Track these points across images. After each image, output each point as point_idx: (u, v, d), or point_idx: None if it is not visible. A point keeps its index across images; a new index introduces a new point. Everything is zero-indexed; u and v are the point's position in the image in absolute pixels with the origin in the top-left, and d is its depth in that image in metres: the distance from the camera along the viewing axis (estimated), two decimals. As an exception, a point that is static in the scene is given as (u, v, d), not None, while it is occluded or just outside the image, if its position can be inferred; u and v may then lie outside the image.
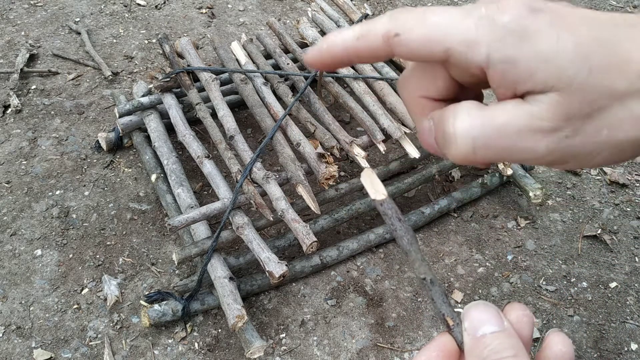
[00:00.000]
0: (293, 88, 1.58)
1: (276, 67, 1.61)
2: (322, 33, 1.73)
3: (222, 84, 1.60)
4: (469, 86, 0.31)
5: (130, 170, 1.58)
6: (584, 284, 1.34)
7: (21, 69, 1.83)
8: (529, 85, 0.27)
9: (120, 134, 1.58)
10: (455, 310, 0.31)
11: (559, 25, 0.27)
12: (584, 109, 0.27)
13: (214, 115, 1.45)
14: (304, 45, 1.71)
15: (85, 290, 1.29)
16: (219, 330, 1.23)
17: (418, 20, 0.28)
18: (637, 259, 1.39)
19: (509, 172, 1.47)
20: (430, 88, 0.31)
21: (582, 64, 0.26)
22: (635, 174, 1.62)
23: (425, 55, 0.28)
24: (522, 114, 0.27)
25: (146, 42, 2.04)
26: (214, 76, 1.49)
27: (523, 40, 0.27)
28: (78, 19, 2.12)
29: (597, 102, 0.26)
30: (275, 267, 1.11)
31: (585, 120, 0.27)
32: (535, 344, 1.21)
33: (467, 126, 0.28)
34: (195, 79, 1.59)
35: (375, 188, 0.31)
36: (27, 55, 1.89)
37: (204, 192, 1.53)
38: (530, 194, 1.41)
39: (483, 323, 0.29)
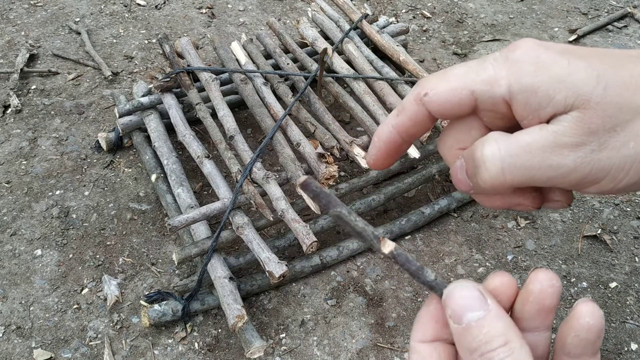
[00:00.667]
0: (293, 88, 1.58)
1: (276, 67, 1.61)
2: (322, 33, 1.73)
3: (222, 84, 1.60)
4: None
5: (130, 170, 1.58)
6: (584, 284, 1.34)
7: (21, 69, 1.83)
8: (550, 108, 0.28)
9: (120, 134, 1.58)
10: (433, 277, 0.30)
11: (570, 53, 0.29)
12: (607, 123, 0.28)
13: (214, 115, 1.45)
14: (304, 45, 1.71)
15: (85, 290, 1.29)
16: (219, 330, 1.23)
17: (441, 77, 0.31)
18: (637, 259, 1.39)
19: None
20: (467, 139, 0.33)
21: (596, 82, 0.28)
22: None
23: (455, 104, 0.31)
24: (546, 133, 0.28)
25: (146, 42, 2.04)
26: (214, 76, 1.49)
27: (537, 69, 0.28)
28: (78, 19, 2.12)
29: (619, 116, 0.28)
30: (275, 267, 1.11)
31: (610, 134, 0.28)
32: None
33: (495, 149, 0.29)
34: (195, 79, 1.59)
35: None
36: (27, 55, 1.89)
37: (204, 192, 1.53)
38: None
39: (465, 309, 0.28)
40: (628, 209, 1.51)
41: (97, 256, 1.36)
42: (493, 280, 0.30)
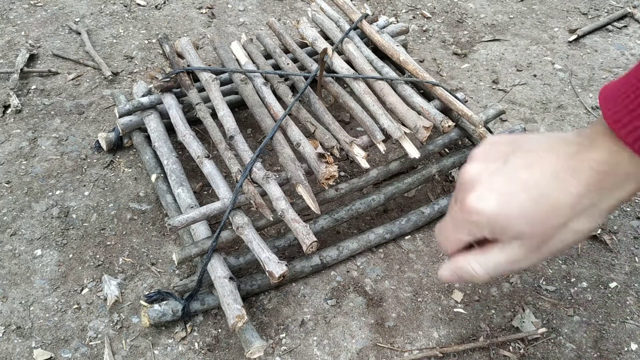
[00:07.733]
0: (293, 88, 1.58)
1: (276, 67, 1.61)
2: (322, 33, 1.73)
3: (222, 84, 1.60)
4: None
5: (130, 170, 1.58)
6: (584, 284, 1.34)
7: (21, 69, 1.83)
8: (503, 237, 0.46)
9: (120, 134, 1.58)
10: None
11: (504, 196, 0.44)
12: (540, 242, 0.44)
13: (214, 115, 1.45)
14: (304, 45, 1.71)
15: (85, 290, 1.29)
16: (219, 330, 1.23)
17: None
18: (637, 259, 1.39)
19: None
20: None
21: (524, 222, 0.43)
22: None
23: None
24: (506, 254, 0.47)
25: (146, 42, 2.04)
26: (214, 76, 1.49)
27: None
28: (78, 19, 2.12)
29: (548, 234, 0.44)
30: (275, 267, 1.11)
31: (545, 243, 0.45)
32: (535, 344, 1.22)
33: (478, 268, 0.49)
34: (195, 79, 1.59)
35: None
36: (27, 55, 1.89)
37: (204, 192, 1.53)
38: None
39: None
40: (628, 209, 1.51)
41: (97, 256, 1.36)
42: None
